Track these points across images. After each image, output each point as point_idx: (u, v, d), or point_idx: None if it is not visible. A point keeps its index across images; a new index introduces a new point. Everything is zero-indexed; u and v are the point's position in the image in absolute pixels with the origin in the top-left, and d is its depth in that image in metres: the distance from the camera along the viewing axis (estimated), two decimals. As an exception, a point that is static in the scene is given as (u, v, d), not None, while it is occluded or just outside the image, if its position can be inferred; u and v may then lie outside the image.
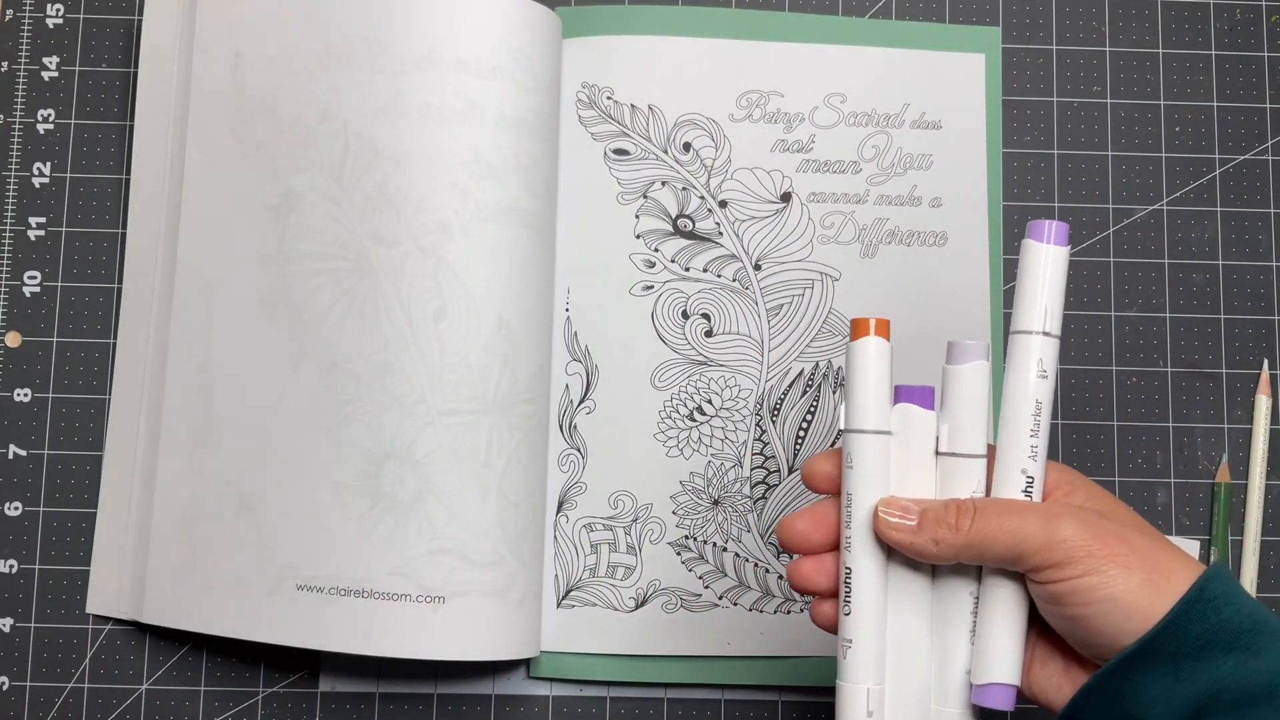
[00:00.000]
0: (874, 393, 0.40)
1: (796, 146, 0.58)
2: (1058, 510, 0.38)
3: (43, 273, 0.58)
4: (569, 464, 0.56)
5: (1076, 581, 0.37)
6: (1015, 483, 0.40)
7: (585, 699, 0.56)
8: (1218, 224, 0.59)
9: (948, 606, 0.40)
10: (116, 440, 0.56)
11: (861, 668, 0.40)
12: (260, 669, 0.56)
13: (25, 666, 0.55)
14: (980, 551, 0.38)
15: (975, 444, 0.40)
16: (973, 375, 0.40)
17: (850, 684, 0.40)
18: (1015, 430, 0.40)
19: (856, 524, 0.40)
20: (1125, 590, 0.37)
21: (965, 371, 0.40)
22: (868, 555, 0.40)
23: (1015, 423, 0.40)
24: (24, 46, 0.59)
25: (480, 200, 0.53)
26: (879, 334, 0.40)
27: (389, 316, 0.52)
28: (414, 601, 0.51)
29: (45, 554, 0.56)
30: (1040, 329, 0.40)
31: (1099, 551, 0.37)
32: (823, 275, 0.58)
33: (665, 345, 0.57)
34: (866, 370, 0.40)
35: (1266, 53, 0.61)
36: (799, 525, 0.42)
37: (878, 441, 0.40)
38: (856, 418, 0.40)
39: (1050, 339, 0.40)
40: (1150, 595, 0.37)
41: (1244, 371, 0.58)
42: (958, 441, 0.40)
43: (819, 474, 0.42)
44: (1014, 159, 0.60)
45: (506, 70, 0.54)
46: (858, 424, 0.40)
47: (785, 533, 0.42)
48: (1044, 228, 0.40)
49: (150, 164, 0.57)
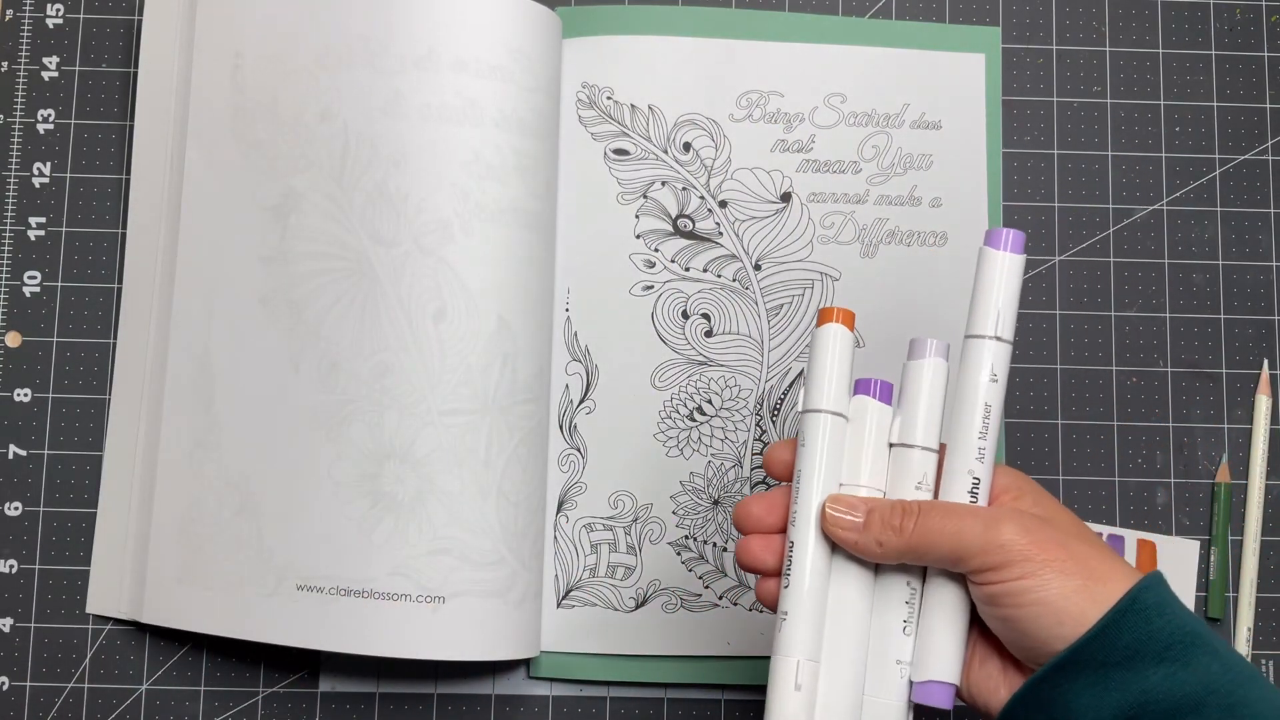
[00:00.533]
0: (831, 377, 0.41)
1: (796, 146, 0.58)
2: (999, 514, 0.39)
3: (43, 273, 0.58)
4: (569, 464, 0.56)
5: (1013, 584, 0.37)
6: (962, 483, 0.40)
7: (585, 699, 0.56)
8: (1218, 224, 0.59)
9: (887, 595, 0.41)
10: (116, 440, 0.56)
11: (794, 640, 0.40)
12: (260, 669, 0.56)
13: (25, 666, 0.55)
14: (921, 553, 0.39)
15: (927, 437, 0.41)
16: (929, 371, 0.41)
17: (781, 656, 0.40)
18: (964, 432, 0.41)
19: (803, 501, 0.41)
20: (1059, 595, 0.37)
21: (922, 367, 0.41)
22: (812, 531, 0.41)
23: (964, 425, 0.41)
24: (24, 46, 0.59)
25: (480, 200, 0.53)
26: (842, 322, 0.41)
27: (389, 316, 0.52)
28: (414, 601, 0.51)
29: (45, 554, 0.56)
30: (993, 334, 0.41)
31: (1037, 556, 0.37)
32: (823, 275, 0.58)
33: (665, 345, 0.57)
34: (826, 355, 0.41)
35: (1266, 53, 0.61)
36: (754, 509, 0.42)
37: (830, 422, 0.41)
38: (813, 398, 0.41)
39: (1002, 344, 0.41)
40: (1084, 602, 0.37)
41: (1244, 371, 0.58)
42: (909, 433, 0.41)
43: (778, 461, 0.43)
44: (1014, 159, 0.60)
45: (506, 70, 0.54)
46: (813, 404, 0.41)
47: (740, 515, 0.42)
48: (1001, 235, 0.41)
49: (150, 164, 0.57)
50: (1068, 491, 0.57)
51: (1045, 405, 0.58)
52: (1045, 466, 0.58)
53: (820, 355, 0.41)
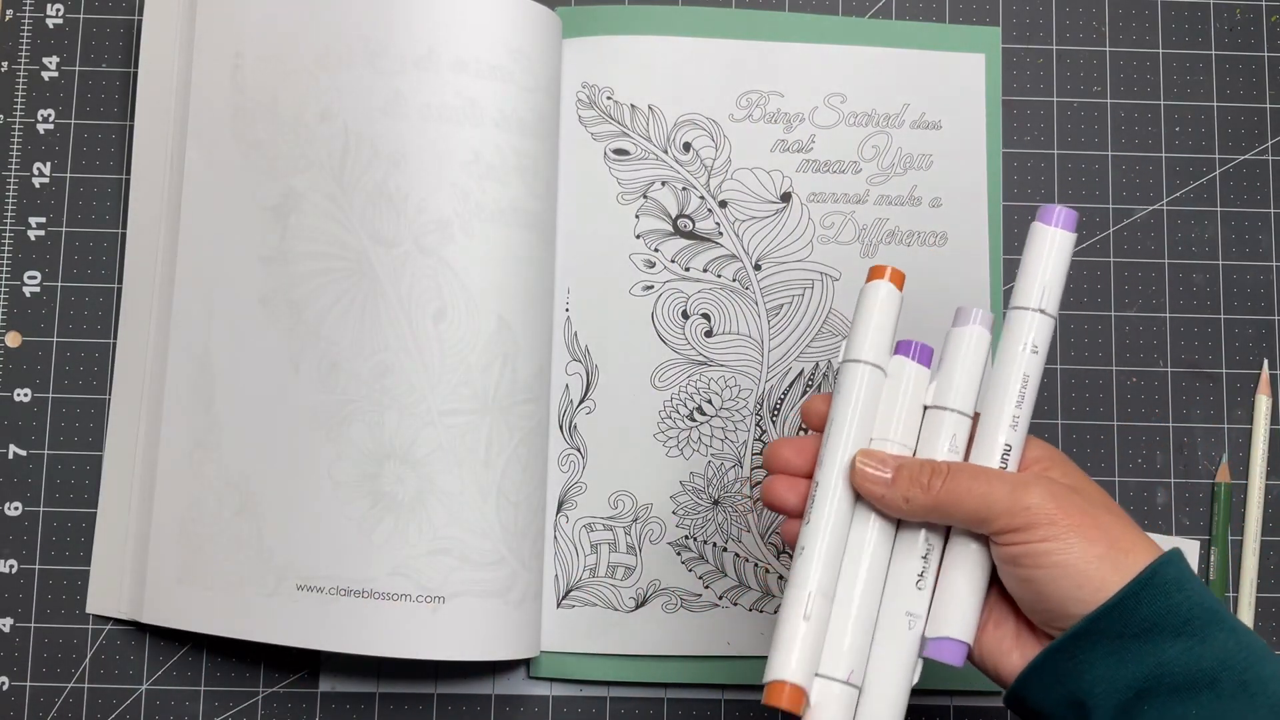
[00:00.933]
0: (874, 331, 0.42)
1: (796, 146, 0.58)
2: (1027, 479, 0.39)
3: (43, 273, 0.58)
4: (569, 464, 0.56)
5: (1035, 546, 0.38)
6: (993, 450, 0.41)
7: (585, 699, 0.56)
8: (1218, 224, 0.59)
9: (904, 548, 0.41)
10: (116, 440, 0.56)
11: (807, 573, 0.40)
12: (260, 669, 0.56)
13: (25, 666, 0.55)
14: (947, 512, 0.39)
15: (961, 401, 0.41)
16: (972, 339, 0.42)
17: (794, 587, 0.40)
18: (1000, 400, 0.41)
19: (832, 446, 0.41)
20: (1081, 559, 0.38)
21: (965, 334, 0.42)
22: (837, 476, 0.41)
23: (1001, 393, 0.41)
24: (24, 46, 0.59)
25: (480, 200, 0.53)
26: (892, 281, 0.42)
27: (389, 316, 0.52)
28: (414, 601, 0.51)
29: (45, 554, 0.56)
30: (1036, 306, 0.41)
31: (1061, 520, 0.38)
32: (823, 275, 0.58)
33: (665, 345, 0.57)
34: (872, 310, 0.42)
35: (1266, 53, 0.61)
36: (784, 450, 0.43)
37: (868, 373, 0.41)
38: (853, 348, 0.42)
39: (1046, 317, 0.41)
40: (1105, 569, 0.37)
41: (1244, 371, 0.58)
42: (945, 396, 0.41)
43: (815, 413, 0.43)
44: (1014, 159, 0.60)
45: (506, 70, 0.54)
46: (853, 354, 0.42)
47: (770, 454, 0.43)
48: (1053, 212, 0.42)
49: (150, 164, 0.57)
50: (1068, 491, 0.57)
51: (1045, 405, 0.58)
52: (1045, 466, 0.58)
53: (866, 309, 0.42)
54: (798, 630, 0.40)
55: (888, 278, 0.42)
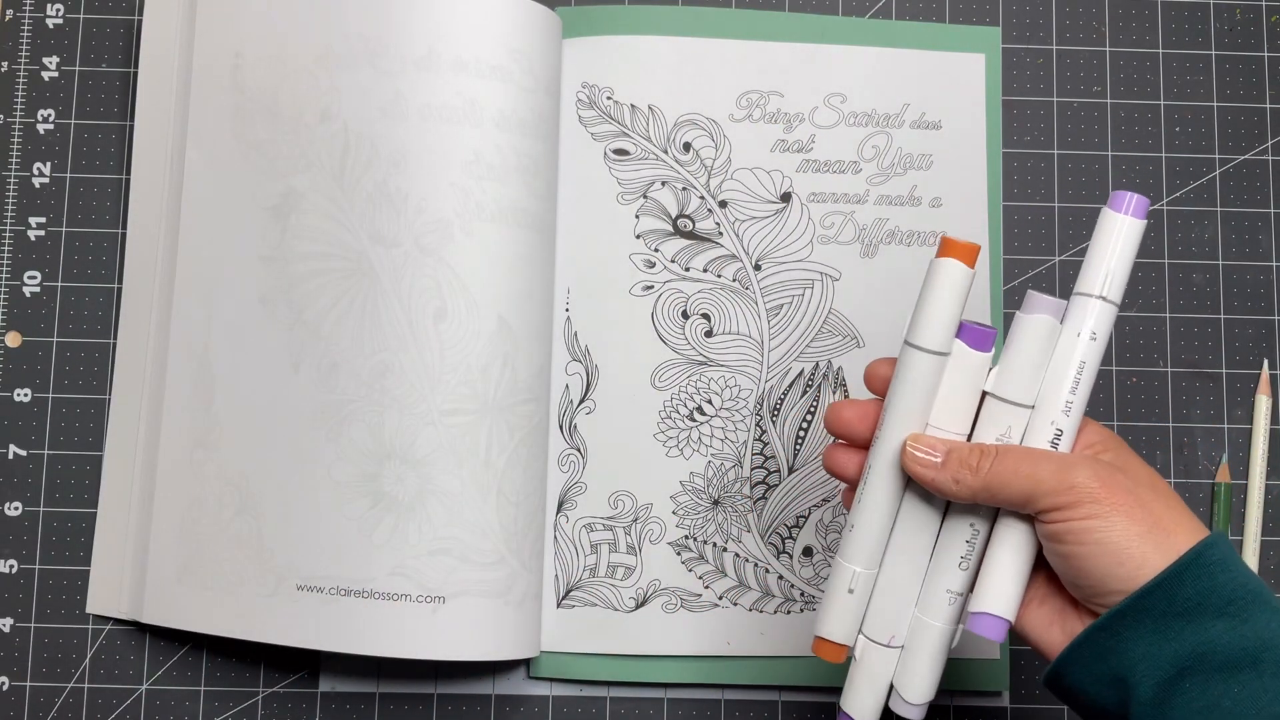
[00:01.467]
0: (939, 313, 0.41)
1: (796, 146, 0.58)
2: (1073, 459, 0.40)
3: (43, 273, 0.58)
4: (569, 464, 0.56)
5: (1078, 523, 0.38)
6: (1044, 433, 0.41)
7: (585, 699, 0.56)
8: (1218, 224, 0.59)
9: (951, 531, 0.42)
10: (116, 440, 0.56)
11: (855, 549, 0.42)
12: (260, 669, 0.56)
13: (25, 666, 0.55)
14: (995, 492, 0.40)
15: (1019, 392, 0.41)
16: (1035, 326, 0.41)
17: (843, 560, 0.42)
18: (1056, 384, 0.41)
19: (887, 430, 0.42)
20: (1123, 537, 0.38)
21: (1030, 321, 0.41)
22: (890, 459, 0.42)
23: (1058, 377, 0.41)
24: (24, 46, 0.59)
25: (480, 200, 0.53)
26: (962, 259, 0.41)
27: (389, 316, 0.52)
28: (414, 601, 0.51)
29: (45, 554, 0.56)
30: (1099, 293, 0.41)
31: (1105, 499, 0.38)
32: (823, 275, 0.58)
33: (665, 345, 0.57)
34: (938, 290, 0.41)
35: (1266, 53, 0.61)
36: (845, 413, 0.43)
37: (931, 361, 0.41)
38: (917, 333, 0.41)
39: (1108, 304, 0.41)
40: (1146, 547, 0.38)
41: (1244, 371, 0.58)
42: (1003, 386, 0.41)
43: (878, 377, 0.43)
44: (1014, 159, 0.60)
45: (506, 70, 0.54)
46: (917, 340, 0.41)
47: (831, 415, 0.44)
48: (1124, 199, 0.41)
49: (150, 164, 0.57)
50: (1068, 491, 0.57)
51: (1045, 405, 0.58)
52: (1045, 466, 0.57)
53: (932, 289, 0.41)
54: (842, 601, 0.42)
55: (959, 255, 0.40)
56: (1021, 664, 0.56)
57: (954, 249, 0.41)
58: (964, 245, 0.41)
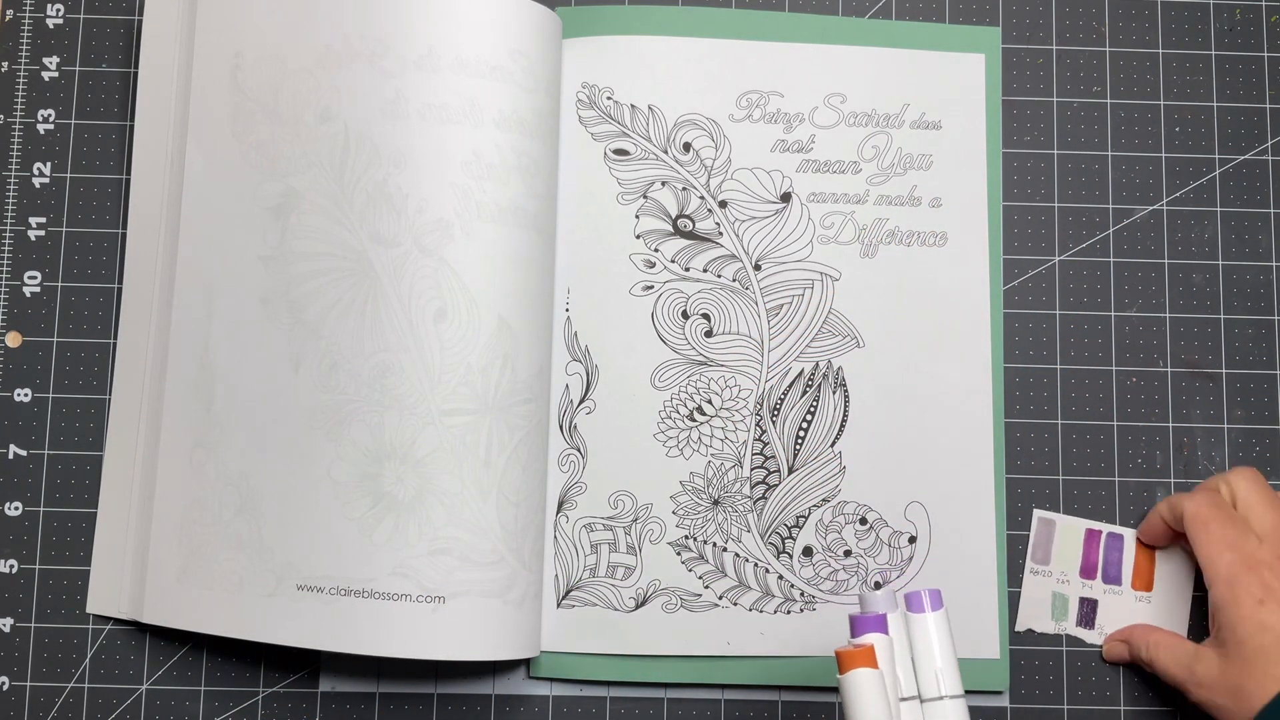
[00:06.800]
0: (875, 715, 0.41)
1: (796, 146, 0.58)
2: None
3: (43, 273, 0.58)
4: (569, 464, 0.56)
5: None
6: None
7: (585, 699, 0.56)
8: (1218, 224, 0.59)
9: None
10: (116, 440, 0.56)
11: None
12: (260, 669, 0.56)
13: (25, 666, 0.55)
14: None
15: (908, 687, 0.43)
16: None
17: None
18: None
19: None
20: None
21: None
22: None
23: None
24: (24, 46, 0.59)
25: (480, 200, 0.53)
26: (865, 664, 0.41)
27: (389, 316, 0.52)
28: (414, 601, 0.51)
29: (45, 554, 0.56)
30: (939, 694, 0.43)
31: None
32: (823, 275, 0.58)
33: (665, 345, 0.57)
34: (861, 702, 0.41)
35: (1266, 53, 0.61)
36: None
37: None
38: None
39: (955, 700, 0.43)
40: None
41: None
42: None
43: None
44: (1014, 159, 0.60)
45: (506, 70, 0.54)
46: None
47: None
48: (919, 598, 0.44)
49: (150, 164, 0.57)
50: (1068, 491, 0.57)
51: (1045, 405, 0.58)
52: (1045, 466, 0.58)
53: (857, 704, 0.41)
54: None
55: (863, 662, 0.41)
56: (1021, 664, 0.56)
57: (854, 659, 0.41)
58: (860, 651, 0.41)
